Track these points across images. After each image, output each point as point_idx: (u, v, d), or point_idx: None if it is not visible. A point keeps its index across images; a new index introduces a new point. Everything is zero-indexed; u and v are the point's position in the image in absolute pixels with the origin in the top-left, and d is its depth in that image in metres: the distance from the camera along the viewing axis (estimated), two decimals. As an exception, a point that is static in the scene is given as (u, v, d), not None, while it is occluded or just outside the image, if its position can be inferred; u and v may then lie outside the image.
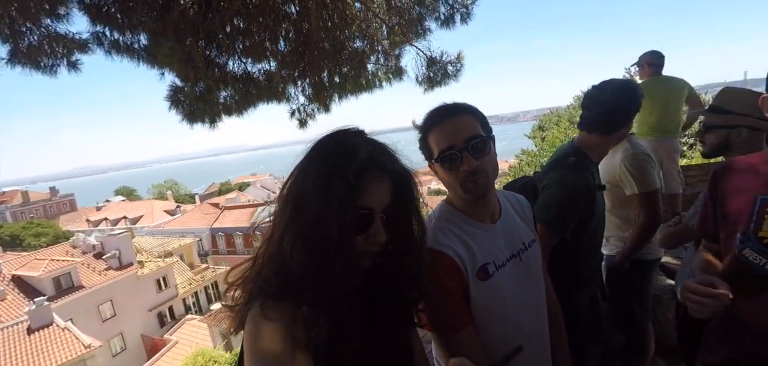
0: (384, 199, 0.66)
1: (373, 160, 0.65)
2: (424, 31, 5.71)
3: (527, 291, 1.11)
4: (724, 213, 1.12)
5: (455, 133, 0.96)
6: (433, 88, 5.36)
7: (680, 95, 3.35)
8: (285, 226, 0.66)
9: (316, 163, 0.66)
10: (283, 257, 0.66)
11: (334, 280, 0.62)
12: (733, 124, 1.53)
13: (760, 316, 1.06)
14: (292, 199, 0.67)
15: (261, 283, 0.67)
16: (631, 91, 1.57)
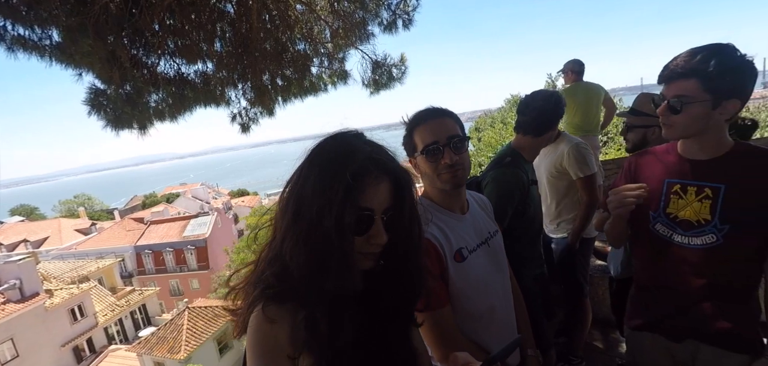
0: (384, 200, 0.67)
1: (373, 161, 0.65)
2: (367, 35, 5.77)
3: (495, 273, 1.25)
4: None
5: (439, 130, 1.11)
6: (378, 90, 5.44)
7: (598, 98, 3.80)
8: (286, 229, 0.66)
9: (317, 165, 0.66)
10: (284, 260, 0.66)
11: (335, 281, 0.62)
12: (648, 124, 1.82)
13: (667, 274, 1.29)
14: (293, 202, 0.67)
15: (263, 285, 0.66)
16: (556, 100, 1.86)
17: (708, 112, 1.09)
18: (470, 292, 1.15)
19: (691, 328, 1.24)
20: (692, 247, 1.19)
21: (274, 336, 0.62)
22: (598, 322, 2.74)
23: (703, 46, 1.11)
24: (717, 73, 1.05)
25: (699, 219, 1.18)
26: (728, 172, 1.13)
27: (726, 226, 1.13)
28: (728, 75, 1.05)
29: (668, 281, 1.28)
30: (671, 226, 1.23)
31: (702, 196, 1.17)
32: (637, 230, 1.35)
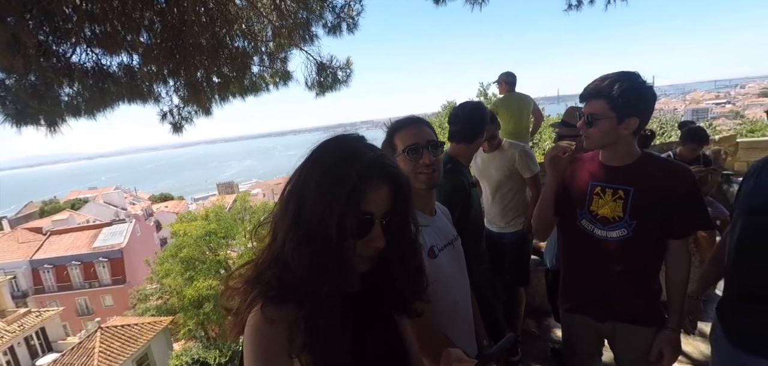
0: (384, 204, 0.68)
1: (375, 166, 0.66)
2: (311, 36, 5.71)
3: (459, 272, 1.35)
4: (568, 195, 1.52)
5: (419, 134, 1.22)
6: (324, 92, 5.41)
7: (529, 108, 4.20)
8: (286, 230, 0.66)
9: (319, 167, 0.67)
10: (284, 261, 0.66)
11: (333, 283, 0.63)
12: (576, 134, 2.08)
13: (590, 263, 1.51)
14: (294, 203, 0.67)
15: (262, 286, 0.66)
16: (482, 110, 2.04)
17: (615, 127, 1.32)
18: (439, 288, 1.22)
19: (610, 309, 1.47)
20: (609, 239, 1.41)
21: (274, 336, 0.62)
22: (533, 311, 3.03)
23: (612, 73, 1.34)
24: (620, 96, 1.28)
25: (614, 216, 1.40)
26: (636, 176, 1.37)
27: (634, 221, 1.36)
28: (629, 97, 1.28)
29: (591, 269, 1.49)
30: (593, 221, 1.45)
31: (616, 197, 1.40)
32: (567, 224, 1.56)
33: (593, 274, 1.50)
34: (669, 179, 1.33)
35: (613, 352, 1.56)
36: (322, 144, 0.71)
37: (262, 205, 20.94)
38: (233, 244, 18.87)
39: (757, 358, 1.23)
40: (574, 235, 1.52)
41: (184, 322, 16.58)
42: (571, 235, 1.55)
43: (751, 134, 8.86)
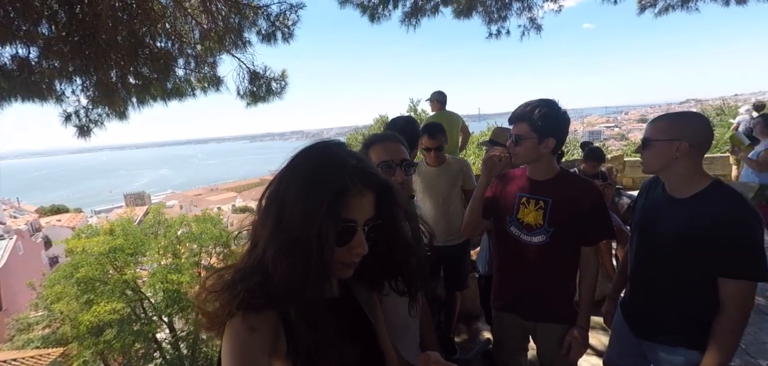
0: (367, 211, 0.68)
1: (357, 173, 0.66)
2: (243, 42, 5.48)
3: None
4: (500, 204, 1.70)
5: (394, 152, 1.25)
6: (256, 102, 5.21)
7: (458, 125, 4.51)
8: (267, 238, 0.65)
9: (300, 175, 0.66)
10: (265, 267, 0.64)
11: (315, 290, 0.63)
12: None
13: (517, 266, 1.68)
14: (274, 210, 0.66)
15: (242, 292, 0.64)
16: (414, 124, 2.17)
17: (536, 146, 1.52)
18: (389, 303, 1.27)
19: (533, 308, 1.66)
20: (532, 245, 1.61)
21: (254, 343, 0.61)
22: (464, 315, 3.24)
23: (534, 100, 1.56)
24: (540, 119, 1.49)
25: (536, 223, 1.60)
26: (554, 190, 1.58)
27: (552, 228, 1.57)
28: (548, 120, 1.49)
29: (518, 271, 1.68)
30: (520, 228, 1.63)
31: (538, 207, 1.60)
32: (499, 230, 1.74)
33: (520, 276, 1.68)
34: (580, 194, 1.56)
35: (536, 347, 1.76)
36: (303, 150, 0.70)
37: (180, 218, 19.04)
38: (144, 262, 16.91)
39: (650, 342, 1.50)
40: (504, 240, 1.70)
41: (78, 354, 14.28)
42: (501, 241, 1.73)
43: (634, 155, 10.52)
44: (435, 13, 6.11)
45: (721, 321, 1.26)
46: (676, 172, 1.37)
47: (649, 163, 1.42)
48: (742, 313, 1.25)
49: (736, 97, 45.27)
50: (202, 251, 16.90)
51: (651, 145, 1.39)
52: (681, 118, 1.40)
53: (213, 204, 57.22)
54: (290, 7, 5.54)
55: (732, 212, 1.24)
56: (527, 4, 6.37)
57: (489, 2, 6.28)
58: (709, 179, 1.34)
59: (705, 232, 1.26)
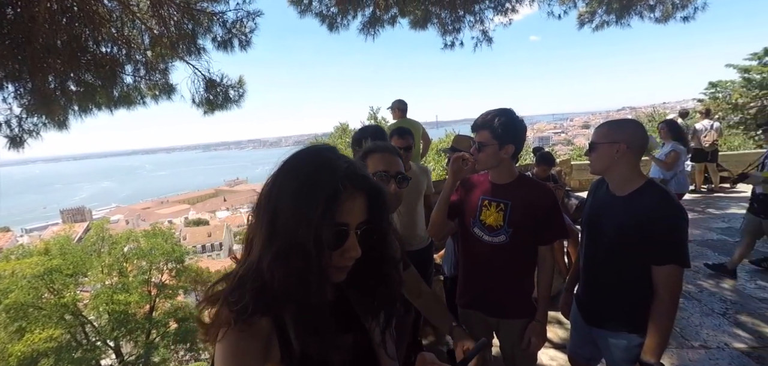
0: (359, 214, 0.68)
1: (349, 176, 0.66)
2: (198, 49, 5.29)
3: None
4: (464, 207, 1.78)
5: (392, 164, 1.30)
6: (213, 110, 5.03)
7: (418, 133, 4.63)
8: (262, 244, 0.65)
9: (292, 179, 0.66)
10: (260, 273, 0.64)
11: (311, 295, 0.63)
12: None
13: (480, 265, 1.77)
14: (268, 216, 0.65)
15: (238, 298, 0.64)
16: (383, 131, 2.25)
17: (497, 152, 1.62)
18: None
19: (496, 304, 1.75)
20: (494, 244, 1.70)
21: (247, 350, 0.61)
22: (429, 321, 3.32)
23: (494, 109, 1.66)
24: (500, 127, 1.59)
25: (497, 224, 1.69)
26: (513, 193, 1.68)
27: (511, 229, 1.67)
28: (507, 128, 1.60)
29: (481, 269, 1.76)
30: (482, 229, 1.72)
31: (499, 209, 1.69)
32: (463, 231, 1.81)
33: (483, 274, 1.76)
34: (537, 196, 1.67)
35: (499, 342, 1.85)
36: (294, 154, 0.70)
37: (127, 233, 17.68)
38: (85, 282, 15.55)
39: (599, 330, 1.64)
40: (468, 240, 1.78)
41: (9, 390, 12.82)
42: (466, 241, 1.81)
43: (579, 158, 11.30)
44: (393, 24, 6.25)
45: (656, 305, 1.42)
46: (617, 173, 1.52)
47: (594, 164, 1.58)
48: (672, 296, 1.40)
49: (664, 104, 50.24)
50: (153, 268, 15.83)
51: (596, 148, 1.54)
52: (620, 123, 1.57)
53: (163, 217, 53.92)
54: (247, 14, 5.43)
55: (662, 209, 1.40)
56: (479, 17, 6.68)
57: (443, 15, 6.52)
58: (644, 179, 1.51)
59: (639, 226, 1.42)
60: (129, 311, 14.14)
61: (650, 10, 6.12)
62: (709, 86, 13.76)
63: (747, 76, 12.50)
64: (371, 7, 5.71)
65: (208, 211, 66.99)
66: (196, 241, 42.99)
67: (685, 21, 5.91)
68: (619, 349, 1.55)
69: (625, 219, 1.47)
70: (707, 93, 13.76)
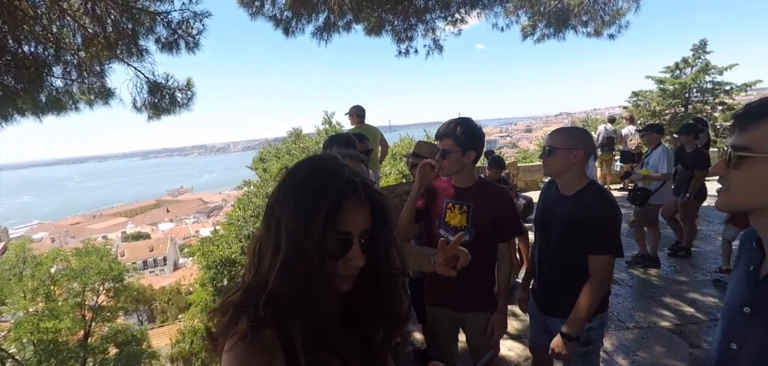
0: (363, 223, 0.68)
1: (352, 185, 0.66)
2: (139, 50, 4.95)
3: None
4: (430, 210, 1.86)
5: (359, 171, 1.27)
6: (159, 115, 4.73)
7: (377, 138, 4.68)
8: (270, 255, 0.64)
9: (295, 188, 0.66)
10: (266, 283, 0.64)
11: (317, 305, 0.63)
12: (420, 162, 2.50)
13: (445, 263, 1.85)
14: (274, 226, 0.65)
15: (245, 309, 0.63)
16: (354, 141, 2.28)
17: (460, 158, 1.72)
18: None
19: (461, 299, 1.84)
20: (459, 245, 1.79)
21: (254, 363, 0.61)
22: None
23: (455, 118, 1.76)
24: (462, 134, 1.69)
25: (461, 225, 1.78)
26: (474, 195, 1.79)
27: (473, 230, 1.77)
28: (468, 136, 1.70)
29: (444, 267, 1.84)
30: (447, 229, 1.80)
31: (462, 211, 1.79)
32: (429, 233, 1.89)
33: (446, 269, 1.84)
34: (496, 198, 1.79)
35: (465, 335, 1.95)
36: (297, 164, 0.70)
37: (53, 253, 15.81)
38: (4, 311, 13.74)
39: (552, 317, 1.79)
40: (435, 241, 1.85)
41: None
42: (433, 242, 1.87)
43: (524, 161, 12.06)
44: (348, 30, 6.28)
45: (586, 288, 1.60)
46: (569, 175, 1.67)
47: (551, 167, 1.70)
48: (601, 281, 1.60)
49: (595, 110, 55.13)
50: (87, 289, 14.32)
51: (555, 153, 1.67)
52: (575, 131, 1.73)
53: (96, 233, 49.18)
54: (194, 15, 5.19)
55: (601, 206, 1.59)
56: (430, 26, 6.93)
57: (397, 23, 6.67)
58: (588, 180, 1.68)
59: (583, 221, 1.59)
60: (59, 339, 12.67)
61: (584, 26, 6.72)
62: (632, 95, 15.39)
63: (662, 87, 14.18)
64: (326, 12, 5.70)
65: (149, 224, 62.11)
66: (136, 256, 39.65)
67: (612, 38, 6.56)
68: (569, 333, 1.70)
69: (572, 216, 1.63)
70: (631, 101, 15.39)
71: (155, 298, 23.83)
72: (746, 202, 0.77)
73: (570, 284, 1.67)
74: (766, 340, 0.77)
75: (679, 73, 14.17)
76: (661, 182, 3.95)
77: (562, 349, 1.61)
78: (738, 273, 0.90)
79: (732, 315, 0.86)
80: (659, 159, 3.96)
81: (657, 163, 3.96)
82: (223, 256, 9.48)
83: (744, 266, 0.87)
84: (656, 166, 3.96)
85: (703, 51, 13.76)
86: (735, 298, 0.87)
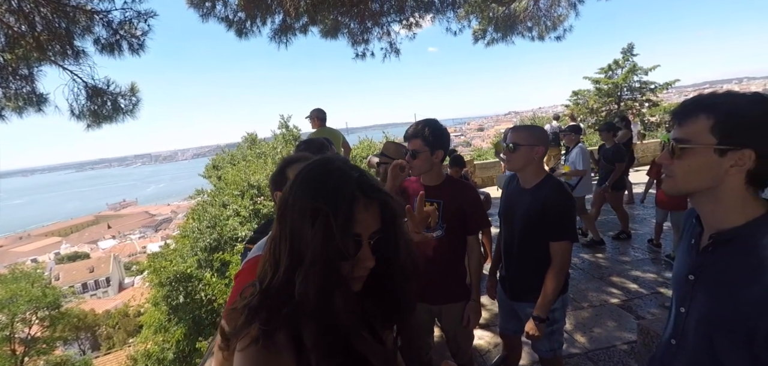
0: (372, 224, 0.68)
1: (361, 186, 0.67)
2: (75, 52, 4.55)
3: None
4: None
5: None
6: (100, 123, 4.38)
7: (339, 141, 4.66)
8: (286, 258, 0.65)
9: (306, 190, 0.66)
10: (282, 286, 0.64)
11: (331, 306, 0.63)
12: (389, 162, 2.53)
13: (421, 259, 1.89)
14: (288, 230, 0.65)
15: (259, 311, 0.63)
16: (327, 144, 2.25)
17: (429, 158, 1.78)
18: None
19: (438, 293, 1.89)
20: (433, 239, 1.84)
21: (267, 364, 0.61)
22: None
23: (423, 119, 1.83)
24: (430, 135, 1.76)
25: (433, 221, 1.84)
26: (444, 192, 1.85)
27: (445, 225, 1.84)
28: (436, 136, 1.77)
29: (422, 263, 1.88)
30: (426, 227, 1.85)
31: (434, 207, 1.84)
32: None
33: (425, 267, 1.88)
34: (464, 194, 1.88)
35: (441, 327, 2.01)
36: (306, 166, 0.70)
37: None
38: None
39: (520, 302, 1.90)
40: None
41: None
42: None
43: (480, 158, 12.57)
44: (305, 32, 6.20)
45: (549, 273, 1.73)
46: (530, 170, 1.79)
47: (515, 162, 1.80)
48: (562, 266, 1.73)
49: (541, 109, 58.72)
50: (16, 321, 12.79)
51: (518, 149, 1.78)
52: (535, 129, 1.86)
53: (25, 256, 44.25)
54: (137, 14, 4.87)
55: (558, 196, 1.72)
56: (386, 29, 7.01)
57: (352, 25, 6.69)
58: (545, 173, 1.81)
59: (542, 211, 1.71)
60: (-19, 379, 11.26)
61: (529, 31, 7.16)
62: (572, 94, 16.59)
63: (598, 87, 15.44)
64: (281, 14, 5.58)
65: (88, 242, 56.84)
66: (73, 279, 36.06)
67: (558, 40, 7.04)
68: (535, 315, 1.82)
69: (532, 207, 1.75)
70: (571, 100, 16.58)
71: (99, 323, 21.88)
72: (688, 186, 0.88)
73: (535, 270, 1.79)
74: (708, 301, 0.88)
75: (611, 74, 15.49)
76: (579, 177, 4.48)
77: (535, 331, 1.72)
78: (683, 246, 1.02)
79: (680, 283, 0.98)
80: (576, 157, 4.48)
81: (575, 160, 4.44)
82: (178, 271, 8.90)
83: (687, 240, 0.99)
84: (574, 163, 4.40)
85: (631, 53, 15.17)
86: (681, 268, 0.98)
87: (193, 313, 8.77)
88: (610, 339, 2.73)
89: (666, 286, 3.39)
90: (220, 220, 8.72)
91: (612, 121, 5.21)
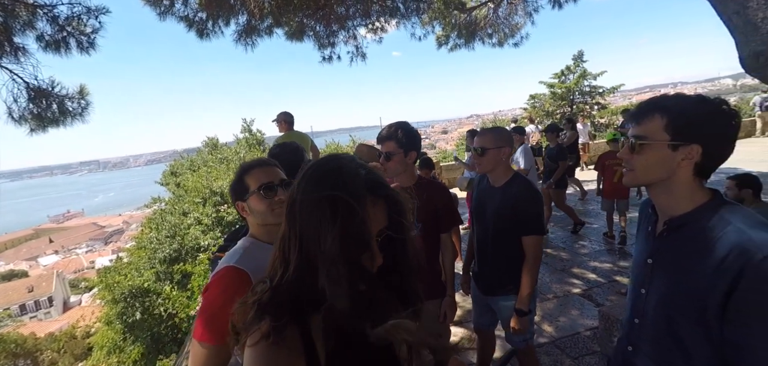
0: (379, 222, 0.69)
1: (368, 184, 0.67)
2: (14, 48, 4.18)
3: None
4: None
5: (272, 174, 1.28)
6: (45, 127, 4.05)
7: (308, 145, 4.61)
8: (296, 255, 0.66)
9: (314, 188, 0.66)
10: (293, 283, 0.65)
11: (340, 303, 0.63)
12: None
13: None
14: (296, 228, 0.65)
15: (269, 305, 0.64)
16: (301, 149, 2.25)
17: (403, 160, 1.82)
18: None
19: None
20: None
21: (278, 361, 0.61)
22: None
23: (396, 122, 1.87)
24: (403, 137, 1.80)
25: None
26: (418, 193, 1.88)
27: (420, 224, 1.88)
28: (409, 138, 1.81)
29: None
30: None
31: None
32: None
33: None
34: (436, 194, 1.93)
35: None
36: (313, 165, 0.70)
37: None
38: None
39: (493, 297, 1.97)
40: None
41: None
42: None
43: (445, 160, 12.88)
44: (270, 34, 6.07)
45: (525, 267, 1.83)
46: (499, 170, 1.88)
47: (485, 165, 1.88)
48: (535, 259, 1.83)
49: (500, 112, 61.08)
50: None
51: (486, 153, 1.85)
52: (500, 131, 1.94)
53: (-52, 278, 39.66)
54: (87, 10, 4.57)
55: (526, 193, 1.82)
56: (352, 33, 7.03)
57: (318, 28, 6.65)
58: (513, 172, 1.91)
59: (513, 208, 1.81)
60: None
61: (489, 38, 7.47)
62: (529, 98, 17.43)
63: (553, 90, 16.33)
64: (245, 14, 5.44)
65: (26, 259, 51.80)
66: (9, 300, 32.71)
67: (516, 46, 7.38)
68: (509, 308, 1.90)
69: (503, 204, 1.84)
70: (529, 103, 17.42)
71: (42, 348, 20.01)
72: (646, 178, 0.97)
73: (508, 265, 1.87)
74: (665, 282, 0.98)
75: (564, 79, 16.43)
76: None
77: (518, 325, 1.81)
78: (641, 233, 1.12)
79: (639, 267, 1.07)
80: (519, 155, 4.77)
81: (518, 159, 4.73)
82: (134, 286, 8.31)
83: (644, 228, 1.09)
84: (518, 161, 4.73)
85: (581, 60, 16.17)
86: (640, 253, 1.08)
87: (152, 331, 8.23)
88: (574, 326, 2.90)
89: (621, 274, 3.66)
90: (180, 229, 8.27)
91: (556, 123, 5.57)
